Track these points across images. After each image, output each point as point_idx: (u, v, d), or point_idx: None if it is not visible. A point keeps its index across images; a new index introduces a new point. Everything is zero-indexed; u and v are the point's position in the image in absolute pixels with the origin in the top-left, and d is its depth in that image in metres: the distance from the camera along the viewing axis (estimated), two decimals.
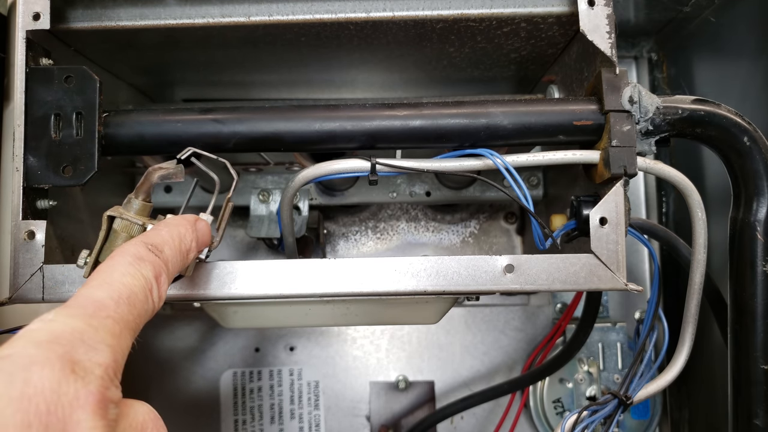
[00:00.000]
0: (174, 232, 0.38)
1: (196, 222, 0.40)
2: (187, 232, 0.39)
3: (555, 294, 0.84)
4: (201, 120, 0.47)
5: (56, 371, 0.26)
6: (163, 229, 0.38)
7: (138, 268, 0.33)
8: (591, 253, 0.45)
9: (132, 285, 0.32)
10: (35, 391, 0.25)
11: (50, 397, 0.25)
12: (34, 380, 0.25)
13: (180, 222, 0.39)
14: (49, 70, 0.46)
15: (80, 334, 0.28)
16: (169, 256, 0.36)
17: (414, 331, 0.85)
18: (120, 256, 0.34)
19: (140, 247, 0.35)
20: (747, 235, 0.48)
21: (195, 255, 0.40)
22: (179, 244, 0.38)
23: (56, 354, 0.26)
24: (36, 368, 0.26)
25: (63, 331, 0.28)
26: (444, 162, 0.49)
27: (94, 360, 0.28)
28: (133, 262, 0.34)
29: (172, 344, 0.84)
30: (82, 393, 0.26)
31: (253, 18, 0.51)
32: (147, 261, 0.34)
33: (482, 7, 0.50)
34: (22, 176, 0.45)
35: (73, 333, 0.28)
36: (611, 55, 0.47)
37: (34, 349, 0.26)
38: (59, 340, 0.27)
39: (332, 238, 0.84)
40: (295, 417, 0.84)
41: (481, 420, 0.84)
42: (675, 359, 0.55)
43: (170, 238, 0.37)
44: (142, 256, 0.34)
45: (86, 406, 0.26)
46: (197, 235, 0.40)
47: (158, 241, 0.36)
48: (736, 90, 0.65)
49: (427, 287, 0.46)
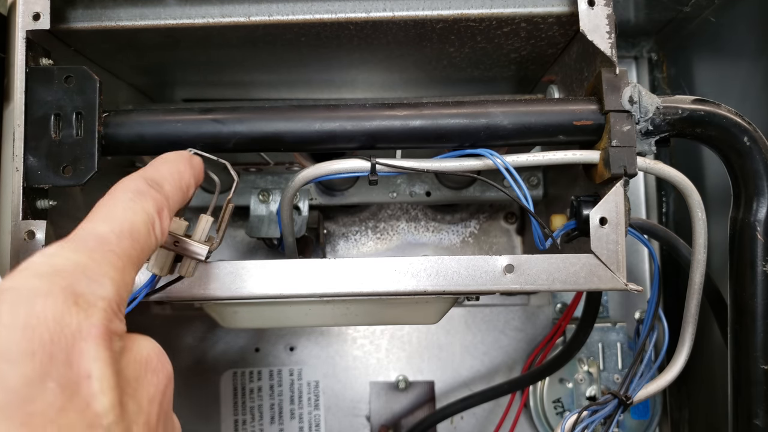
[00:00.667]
0: (173, 168, 0.38)
1: (191, 158, 0.40)
2: (185, 168, 0.39)
3: (555, 294, 0.84)
4: (201, 120, 0.47)
5: (59, 303, 0.26)
6: (162, 166, 0.37)
7: (140, 203, 0.33)
8: (591, 253, 0.45)
9: (134, 219, 0.32)
10: (39, 321, 0.25)
11: (54, 328, 0.25)
12: (38, 311, 0.25)
13: (176, 158, 0.39)
14: (49, 70, 0.46)
15: (83, 268, 0.28)
16: (170, 191, 0.36)
17: (414, 331, 0.85)
18: (121, 192, 0.33)
19: (140, 182, 0.34)
20: (747, 235, 0.48)
21: (194, 191, 0.40)
22: (179, 180, 0.37)
23: (59, 286, 0.26)
24: (39, 299, 0.26)
25: (65, 264, 0.28)
26: (444, 162, 0.49)
27: (97, 293, 0.27)
28: (134, 197, 0.33)
29: (172, 344, 0.84)
30: (85, 324, 0.26)
31: (253, 18, 0.51)
32: (148, 195, 0.34)
33: (482, 7, 0.50)
34: (22, 176, 0.45)
35: (75, 266, 0.28)
36: (611, 55, 0.47)
37: (37, 280, 0.26)
38: (62, 273, 0.27)
39: (332, 238, 0.84)
40: (295, 417, 0.84)
41: (481, 420, 0.84)
42: (675, 359, 0.55)
43: (169, 174, 0.37)
44: (142, 191, 0.34)
45: (89, 337, 0.26)
46: (194, 171, 0.40)
47: (158, 177, 0.36)
48: (736, 90, 0.65)
49: (427, 287, 0.46)
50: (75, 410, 0.25)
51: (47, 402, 0.24)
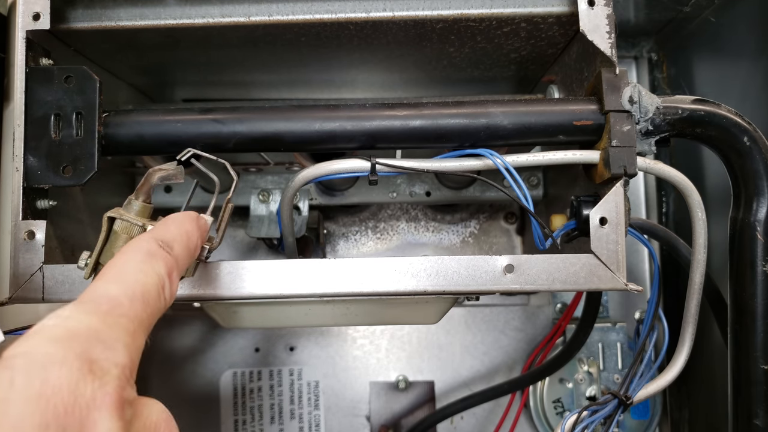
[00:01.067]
0: (182, 229, 0.38)
1: (198, 219, 0.40)
2: (193, 229, 0.39)
3: (555, 294, 0.84)
4: (201, 120, 0.47)
5: (74, 371, 0.25)
6: (171, 226, 0.38)
7: (151, 265, 0.33)
8: (591, 253, 0.45)
9: (146, 282, 0.32)
10: (53, 391, 0.25)
11: (68, 398, 0.25)
12: (52, 380, 0.25)
13: (185, 219, 0.39)
14: (49, 70, 0.46)
15: (96, 333, 0.28)
16: (179, 253, 0.36)
17: (414, 331, 0.85)
18: (132, 252, 0.33)
19: (152, 244, 0.34)
20: (747, 235, 0.48)
21: (199, 252, 0.40)
22: (187, 241, 0.37)
23: (74, 353, 0.26)
24: (54, 367, 0.25)
25: (79, 329, 0.27)
26: (444, 162, 0.49)
27: (111, 360, 0.27)
28: (145, 258, 0.33)
29: (172, 344, 0.84)
30: (99, 394, 0.26)
31: (253, 18, 0.51)
32: (159, 257, 0.34)
33: (482, 7, 0.50)
34: (22, 176, 0.45)
35: (89, 331, 0.27)
36: (611, 55, 0.47)
37: (51, 346, 0.26)
38: (77, 338, 0.27)
39: (332, 238, 0.84)
40: (295, 417, 0.84)
41: (481, 420, 0.84)
42: (675, 359, 0.55)
43: (179, 235, 0.37)
44: (154, 252, 0.34)
45: (103, 407, 0.26)
46: (200, 232, 0.40)
47: (168, 238, 0.36)
48: (736, 90, 0.65)
49: (427, 287, 0.46)
50: None
51: None
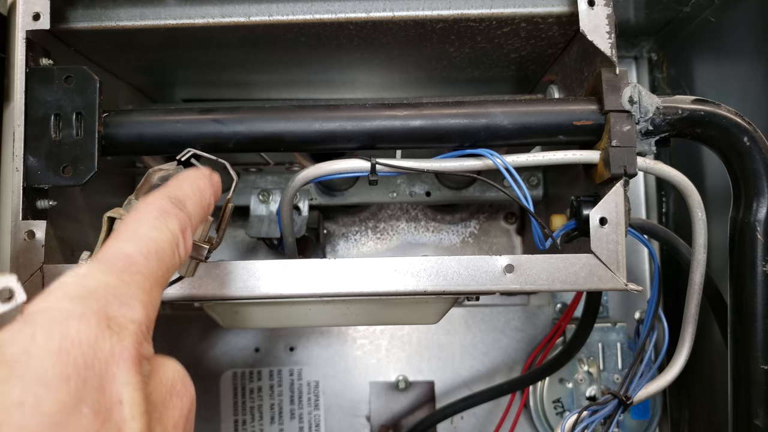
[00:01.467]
0: (195, 186, 0.37)
1: (211, 175, 0.40)
2: (206, 186, 0.38)
3: (555, 294, 0.84)
4: (201, 120, 0.47)
5: (93, 326, 0.26)
6: (184, 183, 0.37)
7: (164, 222, 0.33)
8: (591, 253, 0.45)
9: (160, 239, 0.32)
10: (73, 345, 0.25)
11: (87, 352, 0.25)
12: (72, 334, 0.25)
13: (198, 176, 0.39)
14: (49, 70, 0.46)
15: (113, 290, 0.28)
16: (192, 210, 0.36)
17: (414, 331, 0.85)
18: (146, 210, 0.33)
19: (165, 201, 0.34)
20: (747, 235, 0.48)
21: (212, 209, 0.40)
22: (200, 198, 0.37)
23: (92, 309, 0.26)
24: (73, 323, 0.26)
25: (97, 286, 0.28)
26: (444, 162, 0.49)
27: (128, 316, 0.28)
28: (159, 216, 0.33)
29: (172, 344, 0.84)
30: (117, 348, 0.26)
31: (253, 18, 0.51)
32: (172, 214, 0.34)
33: (482, 7, 0.50)
34: (22, 176, 0.45)
35: (107, 288, 0.28)
36: (611, 55, 0.47)
37: (69, 303, 0.26)
38: (94, 295, 0.27)
39: (332, 238, 0.84)
40: (295, 417, 0.84)
41: (481, 420, 0.84)
42: (675, 359, 0.55)
43: (192, 193, 0.37)
44: (167, 209, 0.34)
45: (121, 361, 0.26)
46: (214, 189, 0.40)
47: (181, 195, 0.36)
48: (736, 90, 0.65)
49: (427, 287, 0.46)
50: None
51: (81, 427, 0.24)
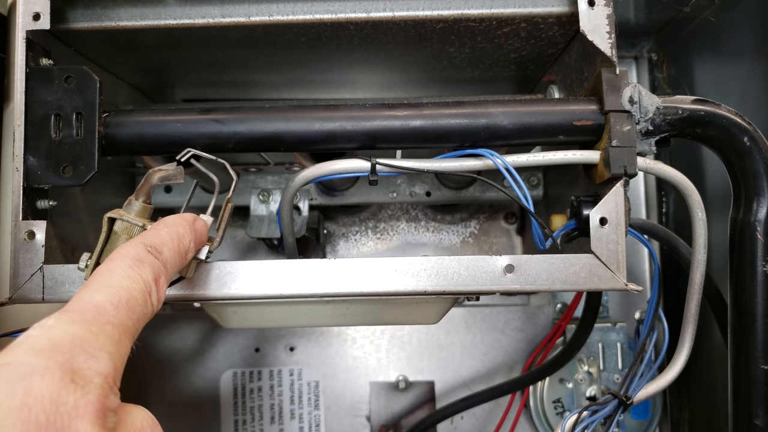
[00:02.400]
0: (173, 233, 0.37)
1: (194, 222, 0.40)
2: (185, 232, 0.38)
3: (555, 294, 0.84)
4: (201, 120, 0.47)
5: (56, 381, 0.26)
6: (162, 230, 0.37)
7: (137, 271, 0.33)
8: (591, 253, 0.45)
9: (131, 288, 0.32)
10: (35, 401, 0.25)
11: (50, 408, 0.25)
12: (34, 390, 0.25)
13: (178, 222, 0.39)
14: (49, 70, 0.46)
15: (80, 342, 0.28)
16: (168, 257, 0.36)
17: (414, 331, 0.85)
18: (119, 259, 0.33)
19: (139, 249, 0.34)
20: (747, 235, 0.48)
21: (193, 255, 0.40)
22: (178, 245, 0.37)
23: (56, 363, 0.26)
24: (36, 377, 0.25)
25: (63, 338, 0.27)
26: (444, 162, 0.49)
27: (94, 368, 0.27)
28: (132, 264, 0.33)
29: (172, 344, 0.84)
30: (81, 403, 0.26)
31: (253, 18, 0.51)
32: (146, 263, 0.34)
33: (482, 7, 0.50)
34: (22, 176, 0.45)
35: (73, 340, 0.28)
36: (611, 55, 0.47)
37: (34, 357, 0.26)
38: (59, 348, 0.27)
39: (332, 238, 0.84)
40: (295, 417, 0.84)
41: (481, 420, 0.84)
42: (675, 359, 0.55)
43: (169, 239, 0.37)
44: (141, 258, 0.34)
45: (85, 415, 0.26)
46: (195, 235, 0.39)
47: (157, 242, 0.36)
48: (736, 90, 0.65)
49: (427, 287, 0.46)
50: None
51: None
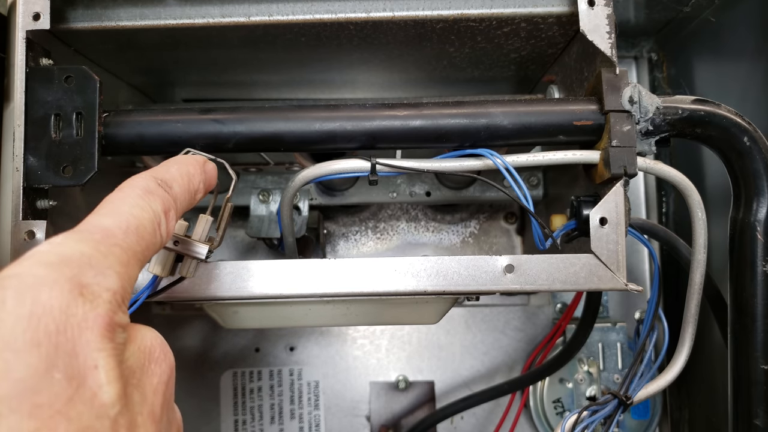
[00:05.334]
0: (183, 170, 0.38)
1: (204, 163, 0.40)
2: (196, 171, 0.39)
3: (555, 294, 0.84)
4: (201, 120, 0.47)
5: (65, 293, 0.26)
6: (173, 167, 0.37)
7: (147, 201, 0.33)
8: (591, 253, 0.45)
9: (141, 216, 0.32)
10: (44, 311, 0.25)
11: (59, 318, 0.25)
12: (43, 300, 0.25)
13: (189, 161, 0.39)
14: (49, 70, 0.46)
15: (89, 259, 0.28)
16: (178, 192, 0.36)
17: (414, 331, 0.85)
18: (129, 188, 0.34)
19: (150, 181, 0.35)
20: (747, 235, 0.48)
21: (202, 196, 0.40)
22: (188, 182, 0.37)
23: (65, 276, 0.26)
24: (45, 288, 0.25)
25: (72, 254, 0.28)
26: (444, 162, 0.49)
27: (102, 284, 0.27)
28: (142, 194, 0.33)
29: (172, 344, 0.83)
30: (90, 315, 0.26)
31: (253, 18, 0.51)
32: (156, 195, 0.34)
33: (482, 7, 0.50)
34: (22, 176, 0.45)
35: (81, 257, 0.28)
36: (611, 55, 0.47)
37: (43, 269, 0.26)
38: (68, 263, 0.27)
39: (332, 238, 0.84)
40: (295, 417, 0.84)
41: (481, 420, 0.84)
42: (675, 359, 0.55)
43: (179, 176, 0.37)
44: (151, 189, 0.34)
45: (95, 327, 0.26)
46: (206, 176, 0.40)
47: (168, 177, 0.36)
48: (736, 90, 0.65)
49: (427, 287, 0.46)
50: (82, 401, 0.25)
51: (54, 393, 0.24)
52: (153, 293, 0.44)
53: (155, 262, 0.42)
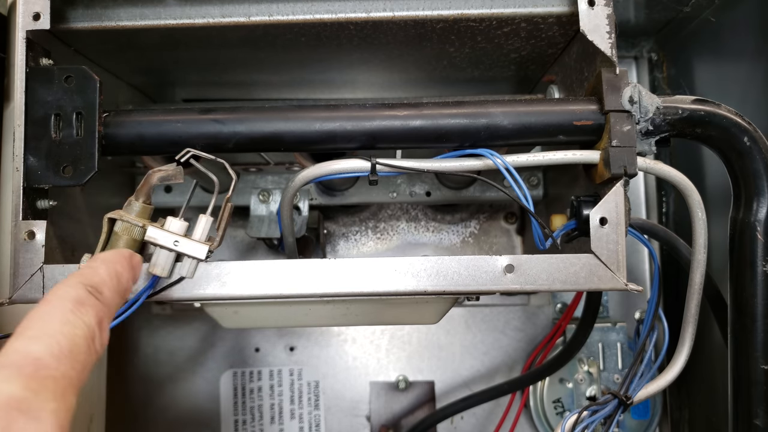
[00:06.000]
0: (111, 271, 0.35)
1: (131, 258, 0.38)
2: (124, 270, 0.37)
3: (555, 294, 0.84)
4: (201, 120, 0.47)
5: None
6: (101, 267, 0.35)
7: (79, 315, 0.31)
8: (591, 253, 0.45)
9: (73, 335, 0.29)
10: None
11: None
12: None
13: (116, 258, 0.37)
14: (49, 70, 0.46)
15: (18, 403, 0.25)
16: (109, 297, 0.34)
17: (414, 331, 0.85)
18: (58, 301, 0.31)
19: (79, 290, 0.32)
20: (747, 235, 0.48)
21: (130, 294, 0.38)
22: (117, 284, 0.35)
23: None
24: None
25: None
26: (444, 162, 0.49)
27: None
28: (73, 308, 0.31)
29: (172, 344, 0.84)
30: None
31: (253, 18, 0.50)
32: (88, 305, 0.31)
33: (482, 7, 0.50)
34: (22, 176, 0.45)
35: (9, 402, 0.25)
36: (611, 55, 0.47)
37: None
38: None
39: (332, 238, 0.84)
40: (295, 417, 0.84)
41: (481, 420, 0.84)
42: (675, 359, 0.55)
43: (108, 278, 0.35)
44: (82, 300, 0.31)
45: None
46: (133, 273, 0.38)
47: (97, 281, 0.34)
48: (736, 90, 0.65)
49: (427, 287, 0.46)
50: None
51: None
52: (153, 293, 0.44)
53: (155, 263, 0.42)
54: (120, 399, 0.83)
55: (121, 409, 0.83)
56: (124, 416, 0.83)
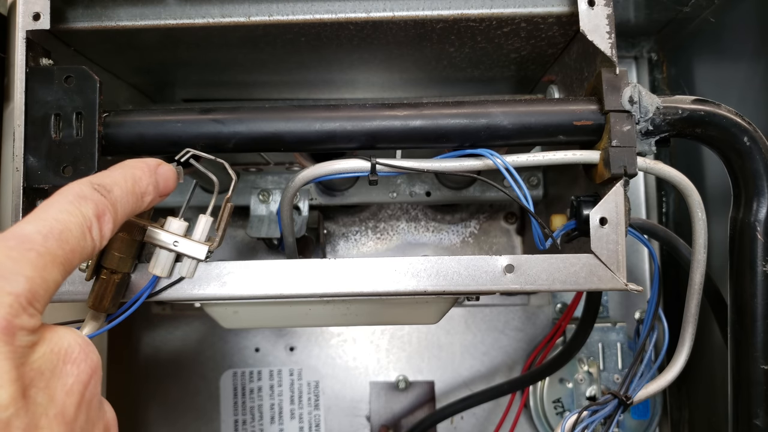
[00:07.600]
0: (127, 173, 0.37)
1: (157, 166, 0.39)
2: (143, 174, 0.38)
3: (555, 294, 0.84)
4: (201, 120, 0.47)
5: None
6: (116, 170, 0.37)
7: (77, 206, 0.33)
8: (591, 253, 0.45)
9: (67, 221, 0.32)
10: None
11: None
12: None
13: (136, 164, 0.38)
14: (49, 70, 0.46)
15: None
16: (118, 196, 0.36)
17: (414, 331, 0.85)
18: (60, 195, 0.33)
19: (84, 186, 0.34)
20: (747, 235, 0.48)
21: (152, 199, 0.39)
22: (132, 185, 0.37)
23: None
24: None
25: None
26: (444, 162, 0.49)
27: (5, 289, 0.28)
28: (73, 200, 0.33)
29: (172, 344, 0.84)
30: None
31: (253, 18, 0.50)
32: (89, 199, 0.34)
33: (482, 7, 0.50)
34: (22, 176, 0.45)
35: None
36: (611, 55, 0.47)
37: None
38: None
39: (332, 238, 0.84)
40: (295, 417, 0.84)
41: (481, 420, 0.84)
42: (675, 359, 0.55)
43: (122, 179, 0.36)
44: (85, 194, 0.34)
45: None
46: (157, 179, 0.39)
47: (107, 181, 0.36)
48: (736, 90, 0.65)
49: (427, 287, 0.46)
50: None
51: None
52: (153, 293, 0.44)
53: (155, 263, 0.42)
54: (120, 399, 0.83)
55: (121, 408, 0.83)
56: (124, 416, 0.83)
